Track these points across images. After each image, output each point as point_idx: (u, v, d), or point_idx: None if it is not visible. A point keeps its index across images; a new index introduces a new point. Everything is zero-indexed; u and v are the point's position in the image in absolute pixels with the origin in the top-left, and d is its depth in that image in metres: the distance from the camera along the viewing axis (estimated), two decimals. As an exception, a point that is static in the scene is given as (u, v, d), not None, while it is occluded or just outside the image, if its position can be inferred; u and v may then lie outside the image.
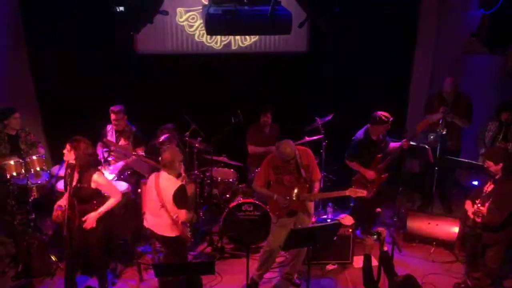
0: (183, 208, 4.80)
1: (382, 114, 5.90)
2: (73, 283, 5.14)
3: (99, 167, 6.04)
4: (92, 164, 4.94)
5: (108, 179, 5.23)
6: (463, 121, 6.72)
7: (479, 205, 5.10)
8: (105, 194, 5.00)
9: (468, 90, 6.90)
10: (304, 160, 5.16)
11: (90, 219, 4.83)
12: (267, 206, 5.78)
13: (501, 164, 5.00)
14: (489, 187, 5.16)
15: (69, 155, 4.81)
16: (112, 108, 6.35)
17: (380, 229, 4.55)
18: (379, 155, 6.03)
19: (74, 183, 4.81)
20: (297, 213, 5.27)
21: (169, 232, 4.88)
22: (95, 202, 4.91)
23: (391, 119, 5.92)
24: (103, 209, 4.91)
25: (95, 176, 4.86)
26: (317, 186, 5.37)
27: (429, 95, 7.29)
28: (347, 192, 5.30)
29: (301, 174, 5.13)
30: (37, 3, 6.94)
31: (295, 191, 5.16)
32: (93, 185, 4.84)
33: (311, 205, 5.41)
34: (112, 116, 6.33)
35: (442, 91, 6.78)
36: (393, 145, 6.23)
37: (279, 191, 5.17)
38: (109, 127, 6.47)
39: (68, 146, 4.80)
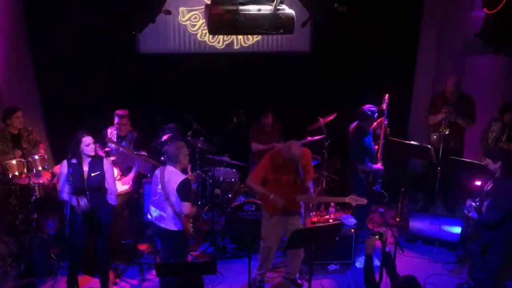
0: (187, 201, 4.82)
1: (368, 108, 5.93)
2: (76, 283, 5.15)
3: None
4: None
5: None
6: (466, 121, 6.69)
7: (478, 203, 5.11)
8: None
9: (472, 91, 6.88)
10: (303, 161, 5.17)
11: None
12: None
13: (499, 163, 5.00)
14: (488, 186, 5.18)
15: (94, 147, 5.04)
16: (117, 112, 6.30)
17: (382, 229, 4.54)
18: (376, 146, 6.06)
19: (86, 175, 4.95)
20: (290, 212, 5.27)
21: (172, 225, 4.90)
22: (105, 191, 5.14)
23: (377, 108, 5.94)
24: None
25: (106, 161, 5.15)
26: (310, 185, 5.39)
27: (432, 95, 7.27)
28: (347, 199, 5.30)
29: (299, 174, 5.13)
30: (41, 4, 6.95)
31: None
32: (105, 168, 5.09)
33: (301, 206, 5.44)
34: (116, 120, 6.30)
35: (445, 91, 6.76)
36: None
37: (276, 190, 5.15)
38: (109, 130, 6.43)
39: (93, 139, 5.01)
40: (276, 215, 5.25)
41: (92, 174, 4.98)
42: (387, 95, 6.01)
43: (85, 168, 5.00)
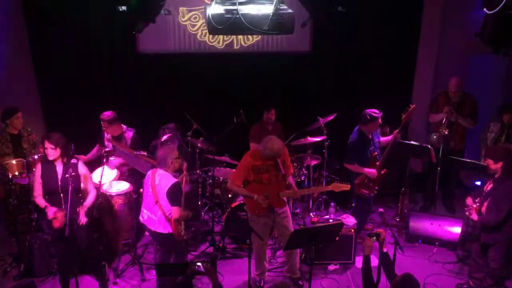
0: (176, 205, 4.80)
1: (371, 111, 5.89)
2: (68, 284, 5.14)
3: (100, 167, 6.11)
4: (71, 151, 5.17)
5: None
6: (468, 121, 6.69)
7: (477, 204, 5.10)
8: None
9: (472, 91, 6.88)
10: (282, 157, 5.18)
11: (82, 214, 4.99)
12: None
13: (500, 163, 4.99)
14: (488, 186, 5.16)
15: (55, 152, 4.91)
16: (101, 116, 6.19)
17: (379, 230, 4.54)
18: (376, 153, 6.04)
19: (60, 176, 4.90)
20: (274, 209, 5.29)
21: (161, 228, 4.88)
22: (80, 195, 5.09)
23: (381, 114, 5.92)
24: (88, 203, 5.08)
25: (80, 164, 5.10)
26: (292, 180, 5.40)
27: (435, 94, 7.27)
28: (331, 187, 5.34)
29: (280, 170, 5.15)
30: (41, 4, 6.95)
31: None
32: (80, 171, 5.05)
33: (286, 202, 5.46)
34: (102, 123, 6.27)
35: (448, 91, 6.76)
36: (384, 139, 6.23)
37: (257, 190, 5.16)
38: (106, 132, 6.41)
39: (51, 145, 4.88)
40: (262, 215, 5.26)
41: (66, 176, 4.84)
42: (413, 106, 5.93)
43: (59, 170, 4.96)
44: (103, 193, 5.95)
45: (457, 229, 6.22)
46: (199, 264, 4.13)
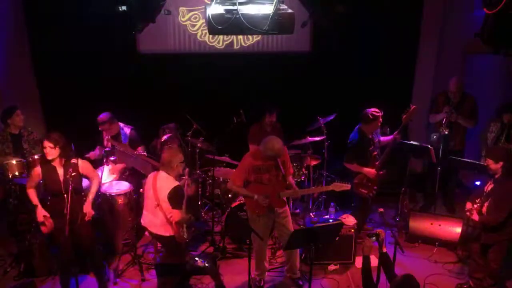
0: (177, 208, 4.79)
1: (372, 111, 5.90)
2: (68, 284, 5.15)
3: (101, 167, 6.12)
4: (71, 152, 5.16)
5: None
6: (468, 121, 6.69)
7: (478, 204, 5.10)
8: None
9: (472, 91, 6.88)
10: (282, 157, 5.18)
11: (89, 209, 5.03)
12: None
13: (501, 163, 4.99)
14: (489, 187, 5.16)
15: (54, 152, 4.85)
16: (97, 118, 6.24)
17: (379, 230, 4.54)
18: (375, 153, 6.04)
19: (62, 178, 4.86)
20: (274, 209, 5.29)
21: (162, 231, 4.88)
22: (82, 193, 5.09)
23: (382, 113, 5.91)
24: (92, 195, 5.10)
25: (80, 162, 5.06)
26: (292, 180, 5.40)
27: (435, 94, 7.27)
28: (331, 187, 5.35)
29: (280, 171, 5.15)
30: (41, 4, 6.95)
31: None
32: (81, 170, 5.01)
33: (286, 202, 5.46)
34: (100, 126, 6.28)
35: (448, 91, 6.75)
36: (384, 139, 6.23)
37: (258, 190, 5.16)
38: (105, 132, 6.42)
39: (50, 144, 4.82)
40: (262, 214, 5.26)
41: (68, 176, 4.81)
42: (413, 107, 5.90)
43: (59, 171, 4.92)
44: (103, 193, 5.96)
45: (457, 229, 6.22)
46: (196, 258, 4.13)
